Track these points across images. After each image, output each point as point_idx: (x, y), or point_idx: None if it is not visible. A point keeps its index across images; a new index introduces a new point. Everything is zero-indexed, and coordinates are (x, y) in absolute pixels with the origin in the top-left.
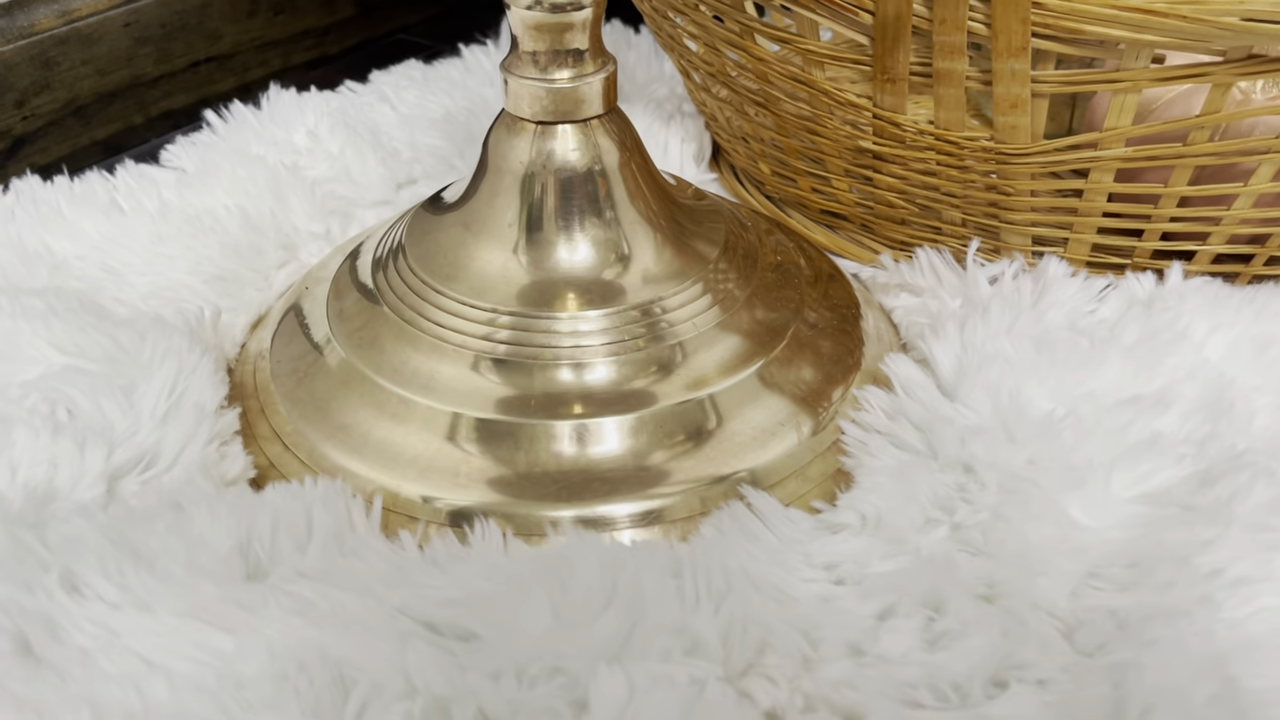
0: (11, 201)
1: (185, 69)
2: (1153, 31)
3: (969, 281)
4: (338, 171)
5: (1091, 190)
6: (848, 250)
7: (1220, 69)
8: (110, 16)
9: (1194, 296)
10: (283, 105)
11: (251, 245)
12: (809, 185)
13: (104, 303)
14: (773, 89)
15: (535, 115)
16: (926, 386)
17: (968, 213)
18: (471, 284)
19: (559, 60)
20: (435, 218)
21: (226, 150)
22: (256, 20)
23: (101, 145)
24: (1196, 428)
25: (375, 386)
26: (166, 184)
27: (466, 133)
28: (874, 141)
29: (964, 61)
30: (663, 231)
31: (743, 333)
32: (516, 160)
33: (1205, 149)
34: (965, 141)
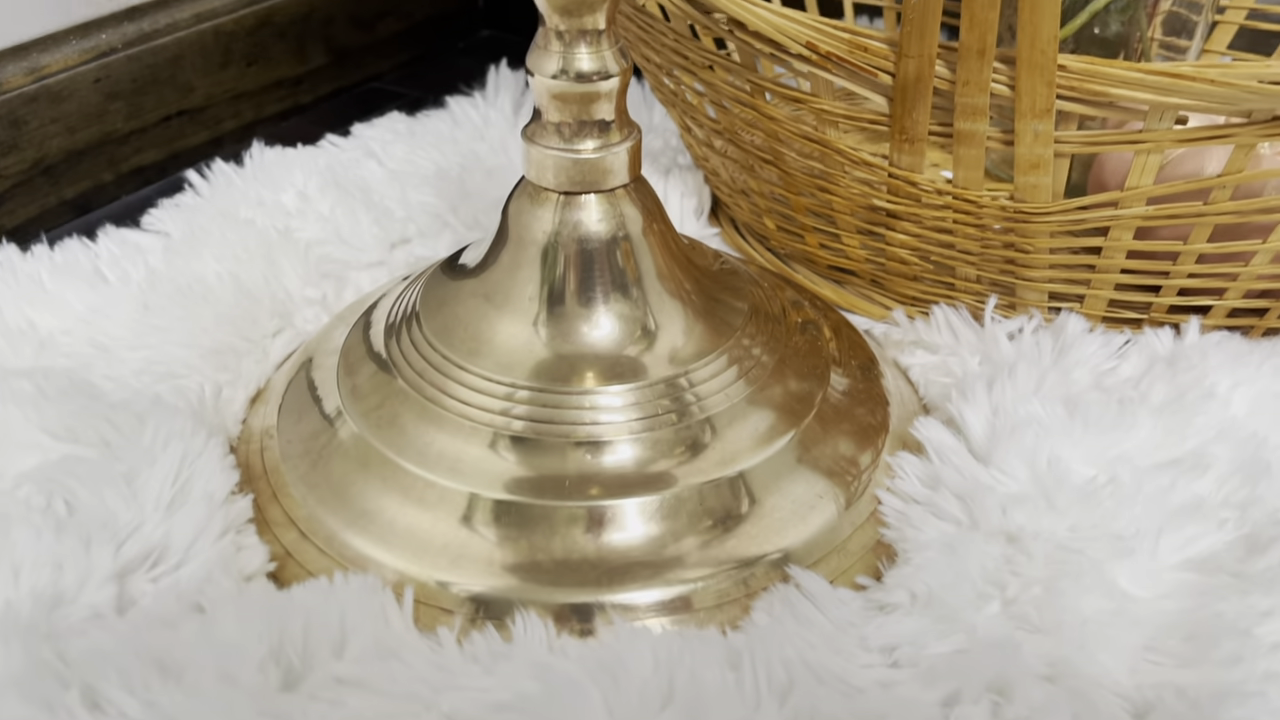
0: None
1: (157, 123)
2: (1179, 95)
3: (987, 339)
4: (329, 233)
5: (1110, 248)
6: (857, 306)
7: (1244, 130)
8: (80, 73)
9: (1215, 353)
10: (267, 164)
11: (245, 314)
12: (817, 241)
13: (95, 381)
14: (783, 147)
15: (559, 185)
16: (960, 452)
17: (983, 269)
18: (496, 359)
19: (585, 130)
20: (453, 285)
21: (213, 213)
22: (229, 72)
23: (71, 205)
24: (1235, 490)
25: (398, 469)
26: (152, 251)
27: (460, 189)
28: (888, 200)
29: (985, 122)
30: (689, 303)
31: (773, 404)
32: (539, 230)
33: (1226, 208)
34: (984, 201)
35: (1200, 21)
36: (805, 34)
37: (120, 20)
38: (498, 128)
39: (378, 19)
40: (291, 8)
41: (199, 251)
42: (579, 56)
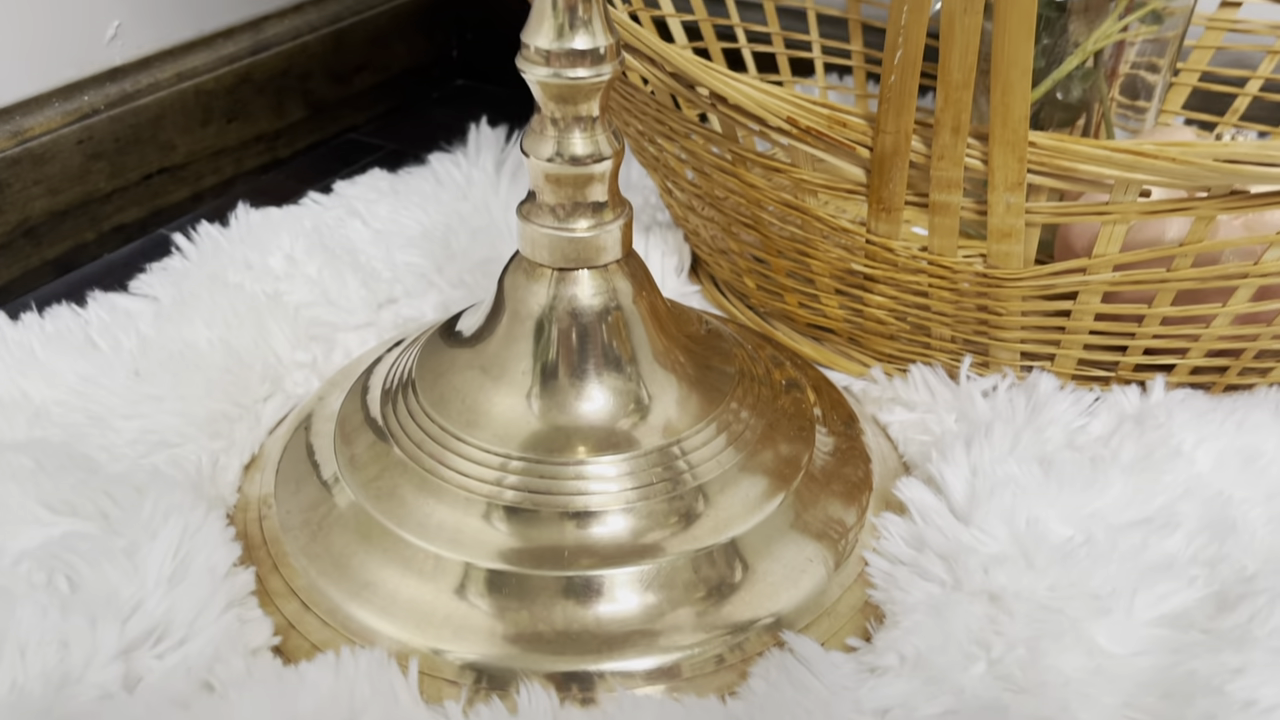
0: None
1: (138, 181)
2: (1142, 171)
3: (963, 397)
4: (317, 295)
5: (1079, 311)
6: (836, 363)
7: (1204, 203)
8: (63, 134)
9: (1180, 411)
10: (253, 225)
11: (237, 380)
12: (796, 300)
13: (91, 453)
14: (762, 212)
15: (554, 262)
16: (942, 512)
17: (958, 330)
18: (493, 431)
19: (579, 210)
20: (449, 354)
21: (202, 278)
22: (209, 129)
23: (53, 264)
24: (1203, 548)
25: (398, 541)
26: (143, 316)
27: (445, 250)
28: (866, 264)
29: (959, 194)
30: (681, 374)
31: (763, 468)
32: (535, 304)
33: (1188, 274)
34: (959, 266)
35: (1158, 84)
36: (786, 109)
37: (102, 81)
38: (480, 187)
39: (354, 72)
40: (270, 64)
41: (189, 317)
42: (573, 141)
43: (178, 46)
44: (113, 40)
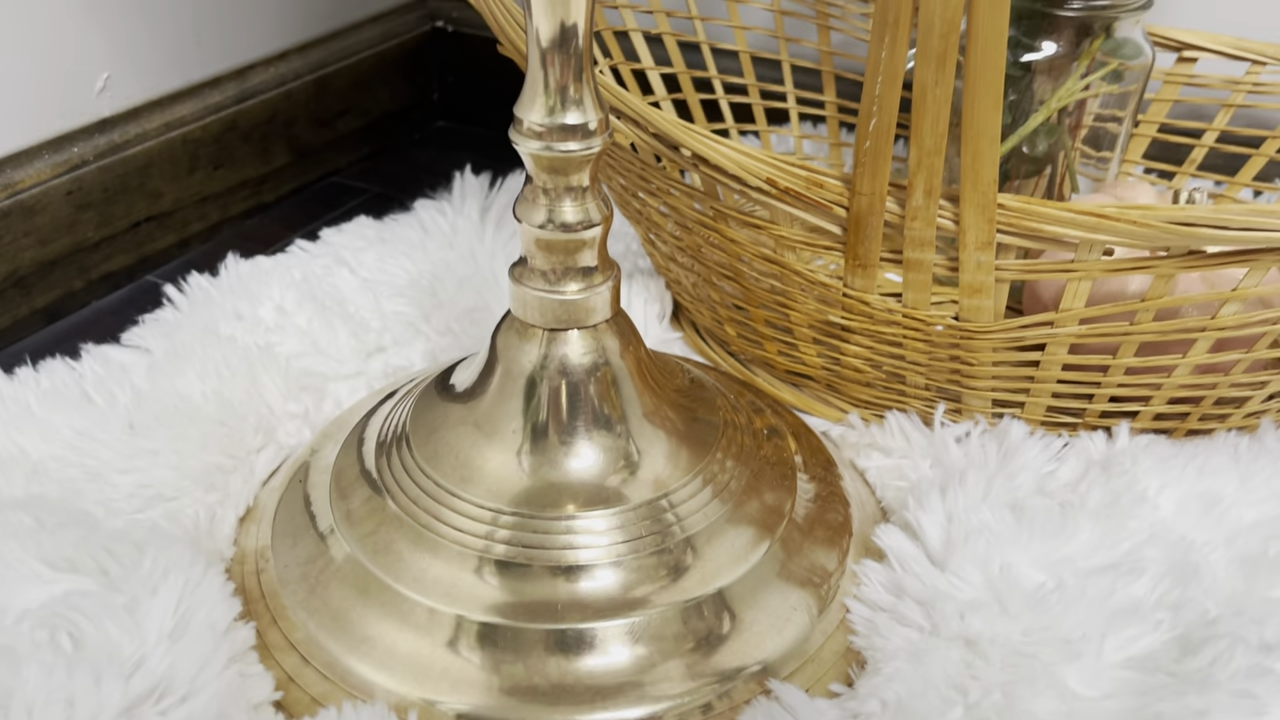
0: None
1: (126, 230)
2: (1105, 232)
3: (937, 443)
4: (307, 345)
5: (1048, 361)
6: (815, 409)
7: (1164, 262)
8: (53, 186)
9: (1144, 456)
10: (243, 276)
11: (231, 432)
12: (775, 349)
13: (90, 508)
14: (743, 265)
15: (545, 323)
16: (919, 559)
17: (932, 378)
18: (486, 486)
19: (569, 274)
20: (443, 409)
21: (194, 330)
22: (196, 176)
23: (42, 313)
24: (1167, 592)
25: (396, 595)
26: (136, 369)
27: (432, 298)
28: (842, 316)
29: (932, 251)
30: (669, 429)
31: (748, 518)
32: (526, 362)
33: (1149, 328)
34: (932, 320)
35: (1120, 135)
36: (765, 170)
37: (91, 133)
38: (465, 235)
39: (338, 117)
40: (255, 112)
41: (182, 369)
42: (564, 209)
43: (165, 96)
44: (102, 92)
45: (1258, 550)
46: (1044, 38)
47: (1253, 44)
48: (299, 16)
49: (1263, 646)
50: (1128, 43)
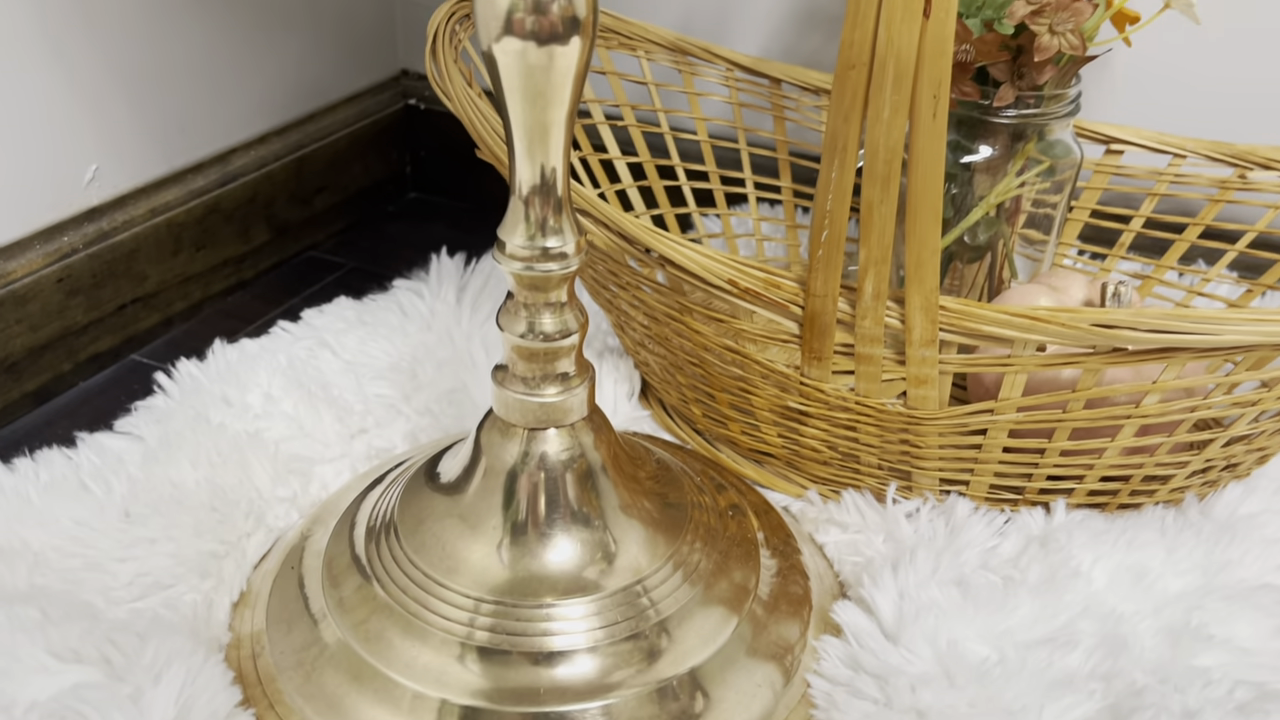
0: None
1: (113, 312)
2: (1037, 332)
3: (890, 519)
4: (294, 430)
5: (989, 444)
6: (776, 485)
7: (1091, 358)
8: (44, 275)
9: (1079, 532)
10: (230, 362)
11: (223, 519)
12: (738, 428)
13: (90, 598)
14: (707, 354)
15: (525, 423)
16: (874, 634)
17: (884, 458)
18: (472, 577)
19: (548, 379)
20: (430, 500)
21: (186, 418)
22: (180, 257)
23: (32, 396)
24: (1099, 664)
25: (388, 682)
26: (131, 459)
27: (412, 381)
28: (800, 402)
29: (881, 347)
30: (643, 518)
31: (718, 598)
32: (508, 459)
33: (1080, 416)
34: (882, 407)
35: (1055, 221)
36: (727, 272)
37: (81, 222)
38: (443, 318)
39: (315, 194)
40: (237, 194)
41: (176, 458)
42: (543, 320)
43: (151, 184)
44: (91, 182)
45: (1181, 621)
46: (982, 141)
47: (1173, 138)
48: (278, 100)
49: (1185, 713)
50: (1058, 143)
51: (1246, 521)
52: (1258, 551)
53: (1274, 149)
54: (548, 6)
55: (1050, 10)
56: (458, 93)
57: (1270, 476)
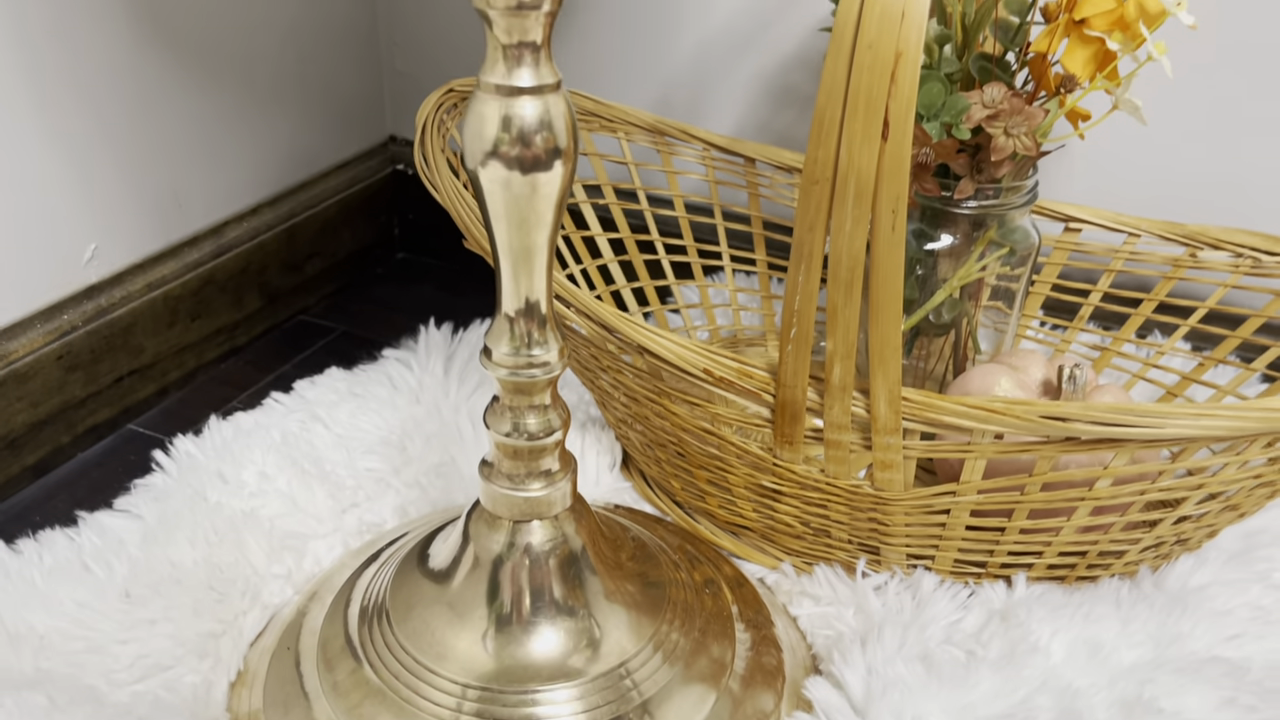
0: None
1: (110, 385)
2: (994, 423)
3: (860, 593)
4: (288, 506)
5: (952, 523)
6: (752, 556)
7: (1045, 447)
8: (44, 353)
9: (1038, 606)
10: (225, 439)
11: (221, 598)
12: (716, 503)
13: (94, 682)
14: (685, 434)
15: (511, 516)
16: (844, 709)
17: (854, 534)
18: (460, 664)
19: (533, 475)
20: (420, 587)
21: (184, 497)
22: (175, 329)
23: (32, 469)
24: None
25: None
26: (131, 539)
27: (401, 455)
28: (773, 481)
29: (849, 434)
30: (625, 602)
31: (697, 675)
32: (494, 549)
33: (1037, 498)
34: (851, 488)
35: (1017, 296)
36: (702, 362)
37: (80, 300)
38: (431, 391)
39: (306, 260)
40: (231, 265)
41: (174, 537)
42: (528, 421)
43: (148, 259)
44: (90, 261)
45: (1134, 694)
46: (944, 230)
47: (1128, 218)
48: (271, 171)
49: None
50: (1018, 229)
51: (1197, 594)
52: (1207, 624)
53: (1223, 230)
54: (531, 138)
55: (1005, 115)
56: (446, 186)
57: (1220, 548)
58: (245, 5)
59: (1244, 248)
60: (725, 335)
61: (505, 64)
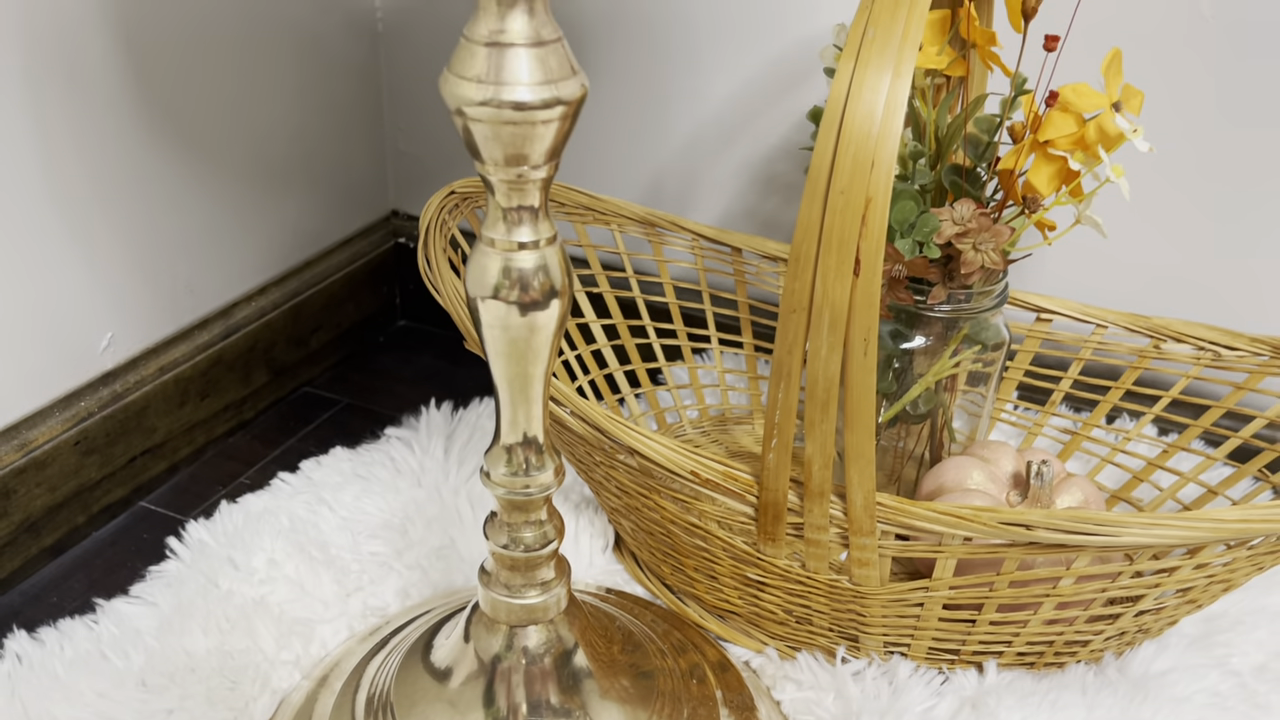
0: (10, 668)
1: (124, 465)
2: (962, 529)
3: (839, 678)
4: (296, 593)
5: (926, 615)
6: (738, 640)
7: (1011, 549)
8: (62, 440)
9: (1007, 694)
10: (236, 525)
11: (233, 686)
12: (704, 589)
13: None
14: (674, 528)
15: (509, 621)
16: None
17: (834, 622)
18: None
19: (529, 585)
20: (423, 683)
21: (197, 585)
22: (186, 408)
23: (49, 550)
24: None
25: None
26: (148, 629)
27: (403, 538)
28: (758, 574)
29: (827, 533)
30: (618, 696)
31: None
32: (494, 651)
33: (1005, 594)
34: (831, 583)
35: (990, 386)
36: (689, 464)
37: (96, 386)
38: (431, 474)
39: (311, 334)
40: (239, 344)
41: (188, 626)
42: (524, 534)
43: (160, 344)
44: (106, 349)
45: None
46: (919, 331)
47: (1096, 310)
48: (277, 251)
49: None
50: (988, 327)
51: (1158, 680)
52: (1168, 710)
53: (1185, 324)
54: (529, 283)
55: (974, 232)
56: (448, 289)
57: (1181, 633)
58: (259, 104)
59: (1205, 342)
60: (714, 414)
61: (505, 224)
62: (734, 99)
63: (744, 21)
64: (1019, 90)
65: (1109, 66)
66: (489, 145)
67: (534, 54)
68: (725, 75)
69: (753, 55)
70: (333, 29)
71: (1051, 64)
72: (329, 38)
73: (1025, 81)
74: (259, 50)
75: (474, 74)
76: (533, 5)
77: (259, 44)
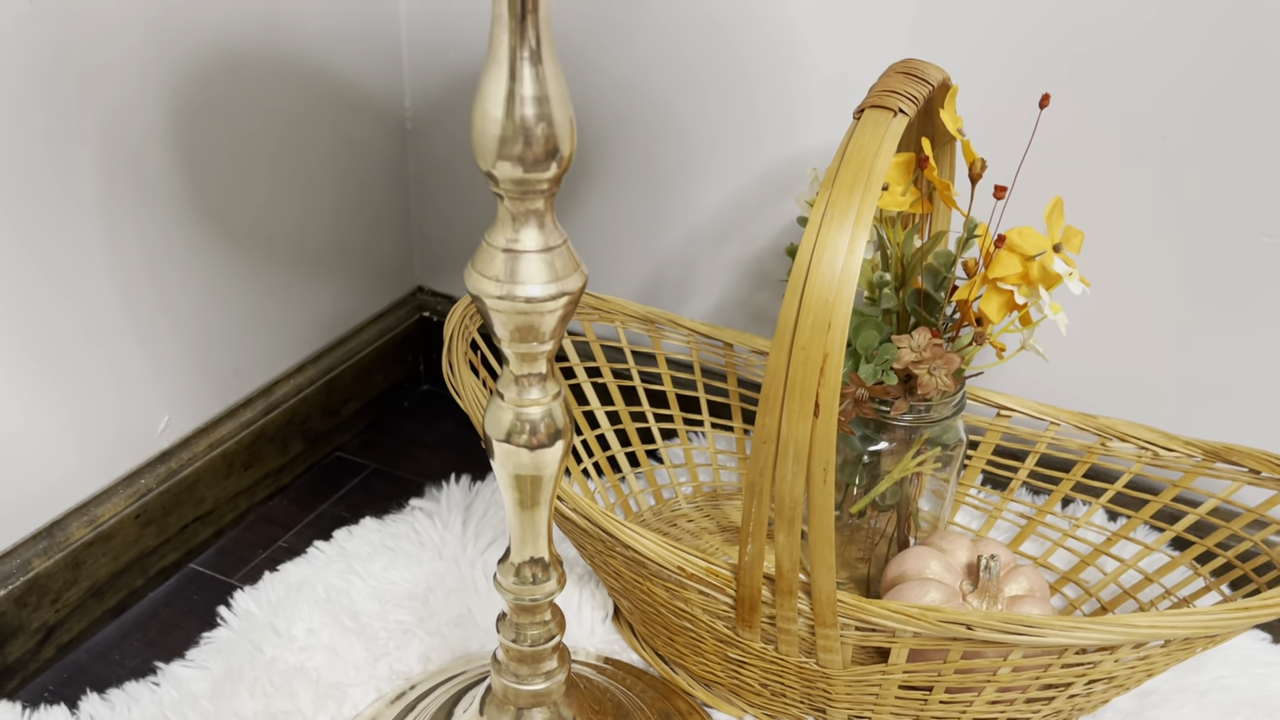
0: None
1: (177, 533)
2: (912, 624)
3: None
4: (331, 658)
5: (884, 692)
6: (722, 707)
7: (958, 643)
8: (125, 514)
9: None
10: (278, 594)
11: None
12: (691, 661)
13: None
14: (665, 609)
15: (518, 704)
16: None
17: (805, 696)
18: None
19: (536, 674)
20: None
21: (245, 652)
22: (231, 479)
23: (111, 611)
24: None
25: None
26: (203, 693)
27: (425, 607)
28: (738, 654)
29: (795, 624)
30: None
31: None
32: None
33: (953, 679)
34: (800, 665)
35: (950, 479)
36: (676, 560)
37: (155, 465)
38: (451, 547)
39: (343, 404)
40: (279, 419)
41: (237, 690)
42: (531, 631)
43: (210, 423)
44: (163, 431)
45: None
46: (884, 436)
47: (1049, 408)
48: (313, 331)
49: None
50: (949, 430)
51: None
52: None
53: (1129, 424)
54: (537, 428)
55: (928, 360)
56: (468, 394)
57: (1116, 708)
58: (298, 199)
59: (1146, 442)
60: (707, 490)
61: (517, 387)
62: (728, 204)
63: (739, 136)
64: (970, 234)
65: (1051, 213)
66: (504, 327)
67: (543, 258)
68: (720, 183)
69: (746, 166)
70: (366, 128)
71: (1000, 210)
72: (362, 136)
73: (976, 226)
74: (300, 151)
75: (493, 274)
76: (543, 219)
77: (300, 145)
